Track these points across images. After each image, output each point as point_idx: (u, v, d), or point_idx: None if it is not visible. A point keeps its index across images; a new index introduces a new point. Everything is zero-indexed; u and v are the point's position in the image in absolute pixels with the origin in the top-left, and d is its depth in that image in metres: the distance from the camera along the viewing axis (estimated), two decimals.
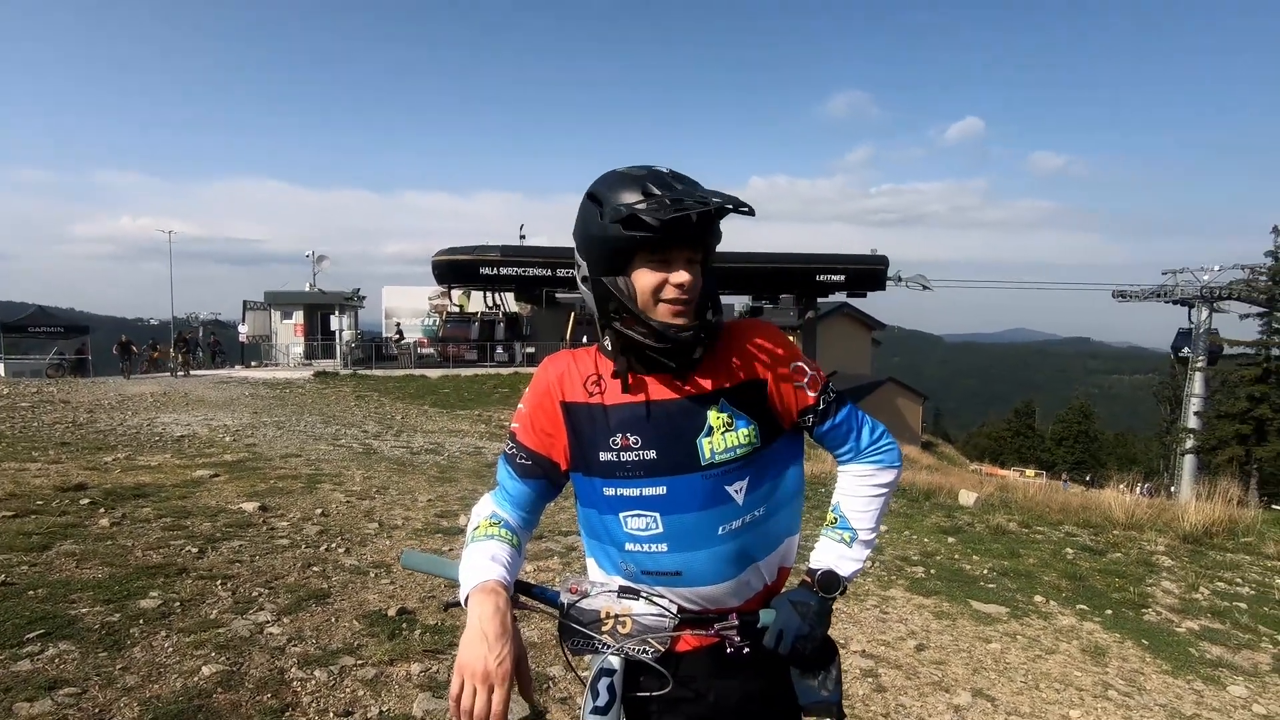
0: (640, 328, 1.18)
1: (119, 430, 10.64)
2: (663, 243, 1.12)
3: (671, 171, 1.17)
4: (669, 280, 1.15)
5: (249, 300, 33.88)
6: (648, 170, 1.17)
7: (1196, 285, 30.97)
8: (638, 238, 1.11)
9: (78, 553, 4.27)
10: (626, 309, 1.18)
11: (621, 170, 1.18)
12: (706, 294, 1.21)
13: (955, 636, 4.25)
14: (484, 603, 1.10)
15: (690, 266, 1.16)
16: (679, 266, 1.15)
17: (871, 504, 1.34)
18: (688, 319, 1.17)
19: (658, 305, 1.17)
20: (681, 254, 1.15)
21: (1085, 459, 53.36)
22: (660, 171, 1.17)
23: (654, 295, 1.16)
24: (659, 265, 1.15)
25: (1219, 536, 6.98)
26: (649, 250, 1.14)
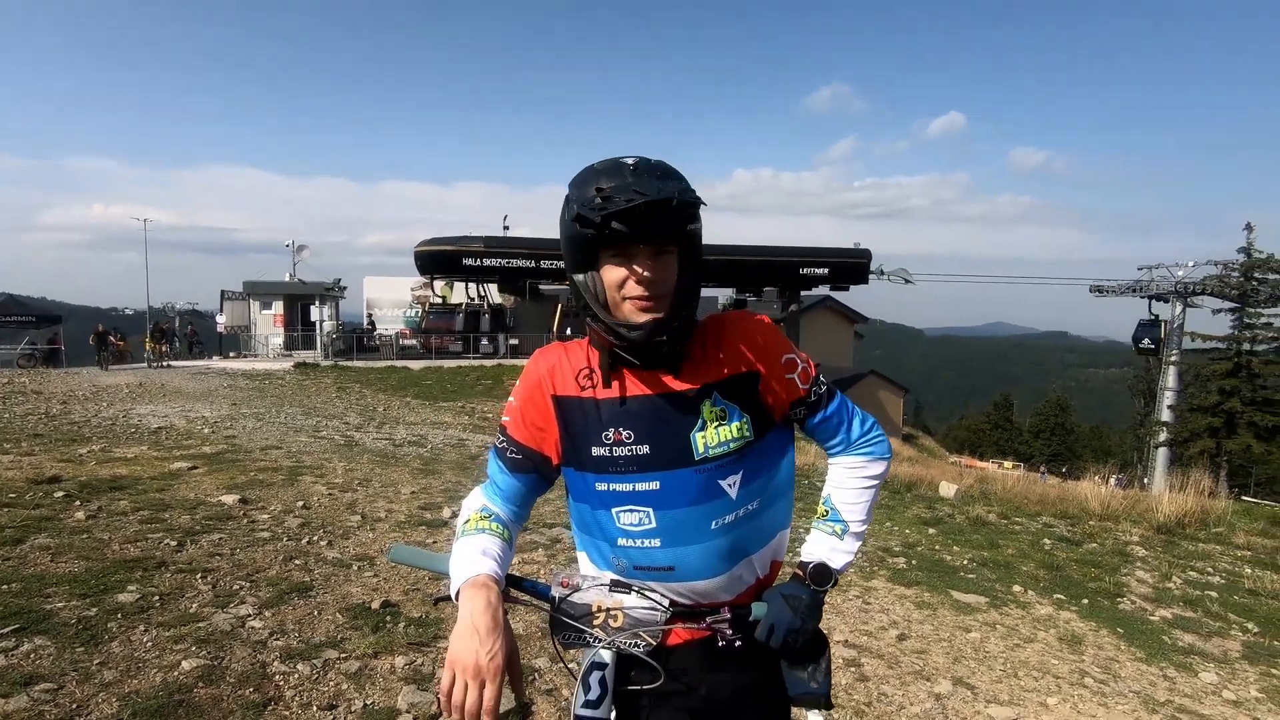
0: (599, 325, 1.18)
1: (94, 422, 10.45)
2: (618, 238, 1.11)
3: (639, 164, 1.13)
4: (630, 275, 1.13)
5: (227, 290, 33.36)
6: (612, 164, 1.14)
7: (1171, 281, 31.50)
8: (590, 235, 1.11)
9: (52, 546, 4.19)
10: (589, 306, 1.18)
11: (594, 165, 1.16)
12: (686, 288, 1.18)
13: (936, 626, 4.31)
14: (475, 597, 1.09)
15: (658, 260, 1.14)
16: (641, 262, 1.13)
17: (862, 496, 1.34)
18: (657, 314, 1.15)
19: (624, 302, 1.15)
20: (645, 249, 1.13)
21: (1062, 451, 54.23)
22: (624, 164, 1.13)
23: (620, 290, 1.15)
24: (622, 261, 1.14)
25: (1191, 527, 7.14)
26: (609, 246, 1.13)
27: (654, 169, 1.13)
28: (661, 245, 1.14)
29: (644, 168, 1.12)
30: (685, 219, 1.13)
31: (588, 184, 1.12)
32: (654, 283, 1.13)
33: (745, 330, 1.28)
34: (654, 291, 1.14)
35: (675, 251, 1.16)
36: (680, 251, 1.16)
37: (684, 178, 1.15)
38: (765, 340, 1.28)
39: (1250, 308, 31.95)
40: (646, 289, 1.13)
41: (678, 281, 1.17)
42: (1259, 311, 31.90)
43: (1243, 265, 31.99)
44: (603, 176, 1.12)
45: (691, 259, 1.19)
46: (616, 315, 1.17)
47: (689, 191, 1.11)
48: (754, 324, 1.30)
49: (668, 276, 1.15)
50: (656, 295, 1.14)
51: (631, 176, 1.10)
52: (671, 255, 1.15)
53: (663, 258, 1.14)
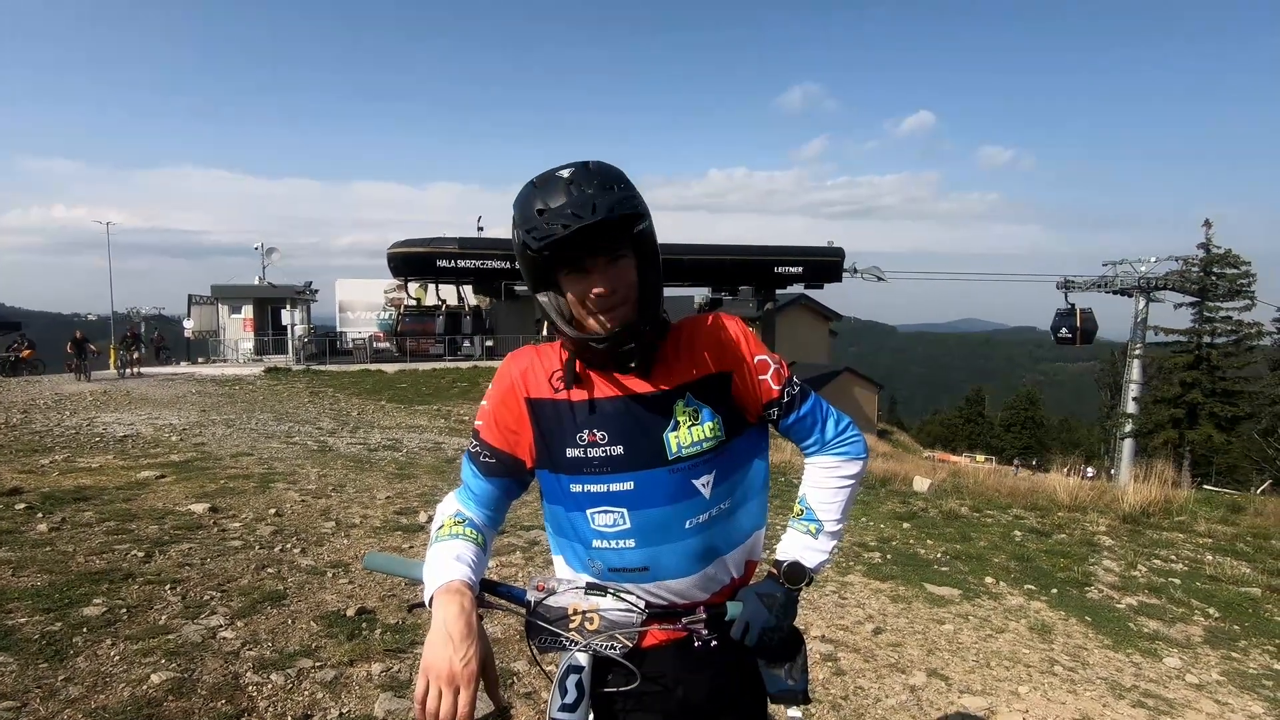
0: (568, 340, 1.20)
1: (56, 431, 10.17)
2: (566, 258, 1.11)
3: (575, 174, 1.10)
4: (588, 288, 1.14)
5: (195, 294, 32.67)
6: (549, 178, 1.12)
7: (1135, 276, 32.27)
8: (540, 259, 1.12)
9: (14, 560, 4.08)
10: (555, 324, 1.19)
11: (531, 181, 1.15)
12: (647, 288, 1.18)
13: (911, 619, 4.38)
14: (449, 604, 1.09)
15: (613, 267, 1.14)
16: (596, 274, 1.13)
17: (838, 495, 1.35)
18: (620, 321, 1.16)
19: (588, 315, 1.16)
20: (597, 260, 1.13)
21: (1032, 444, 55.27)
22: (559, 179, 1.11)
23: (582, 305, 1.16)
24: (578, 275, 1.14)
25: (1155, 516, 7.33)
26: (562, 264, 1.13)
27: (591, 178, 1.10)
28: (614, 252, 1.14)
29: (581, 178, 1.10)
30: (630, 224, 1.13)
31: (528, 204, 1.11)
32: (612, 292, 1.14)
33: (718, 332, 1.29)
34: (615, 299, 1.15)
35: (630, 254, 1.16)
36: (635, 252, 1.17)
37: (625, 180, 1.13)
38: (738, 341, 1.29)
39: (1210, 302, 32.84)
40: (607, 299, 1.14)
41: (638, 283, 1.18)
42: (1218, 305, 32.81)
43: (1202, 260, 32.88)
44: (540, 195, 1.11)
45: (648, 258, 1.19)
46: (584, 326, 1.18)
47: (627, 201, 1.10)
48: (727, 325, 1.31)
49: (626, 280, 1.16)
50: (617, 302, 1.15)
51: (565, 195, 1.08)
52: (627, 258, 1.16)
53: (618, 263, 1.15)
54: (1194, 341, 33.05)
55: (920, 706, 3.26)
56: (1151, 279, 32.12)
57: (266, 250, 33.24)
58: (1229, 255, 32.53)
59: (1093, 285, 33.29)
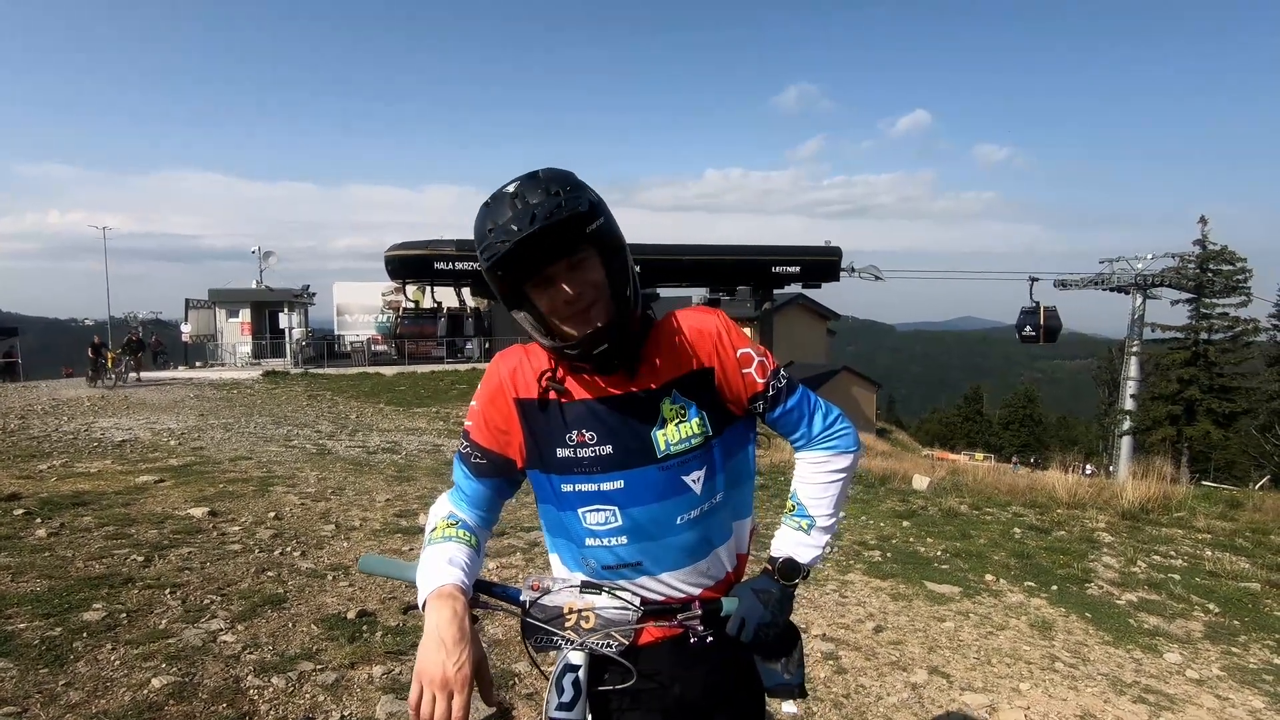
0: (545, 349, 1.21)
1: (54, 436, 10.15)
2: (527, 270, 1.11)
3: (520, 187, 1.09)
4: (556, 297, 1.14)
5: (192, 298, 32.64)
6: (497, 195, 1.11)
7: (1131, 273, 32.32)
8: (500, 275, 1.12)
9: (13, 566, 4.07)
10: (531, 335, 1.20)
11: (486, 200, 1.14)
12: (616, 284, 1.16)
13: (911, 617, 4.38)
14: (441, 609, 1.10)
15: (578, 269, 1.13)
16: (559, 281, 1.12)
17: (828, 490, 1.34)
18: (596, 322, 1.14)
19: (561, 323, 1.16)
20: (558, 266, 1.11)
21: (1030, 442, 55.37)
22: (504, 194, 1.10)
23: (553, 315, 1.16)
24: (543, 285, 1.14)
25: (1154, 512, 7.34)
26: (526, 278, 1.13)
27: (536, 187, 1.09)
28: (575, 255, 1.12)
29: (526, 189, 1.09)
30: (581, 224, 1.10)
31: (482, 225, 1.12)
32: (581, 294, 1.13)
33: (700, 326, 1.28)
34: (584, 302, 1.14)
35: (593, 252, 1.14)
36: (597, 250, 1.14)
37: (570, 182, 1.10)
38: (720, 335, 1.29)
39: (1206, 298, 32.92)
40: (575, 304, 1.14)
41: (607, 281, 1.16)
42: (1214, 302, 32.89)
43: (1198, 257, 32.96)
44: (489, 214, 1.11)
45: (610, 252, 1.16)
46: (562, 334, 1.18)
47: (570, 203, 1.07)
48: (708, 320, 1.30)
49: (593, 280, 1.14)
50: (587, 304, 1.15)
51: (510, 210, 1.08)
52: (589, 258, 1.14)
53: (581, 265, 1.13)
54: (1191, 338, 33.13)
55: (922, 704, 3.26)
56: (1148, 276, 32.17)
57: (264, 254, 33.19)
58: (1225, 252, 32.61)
59: (1089, 283, 33.35)
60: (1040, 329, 32.22)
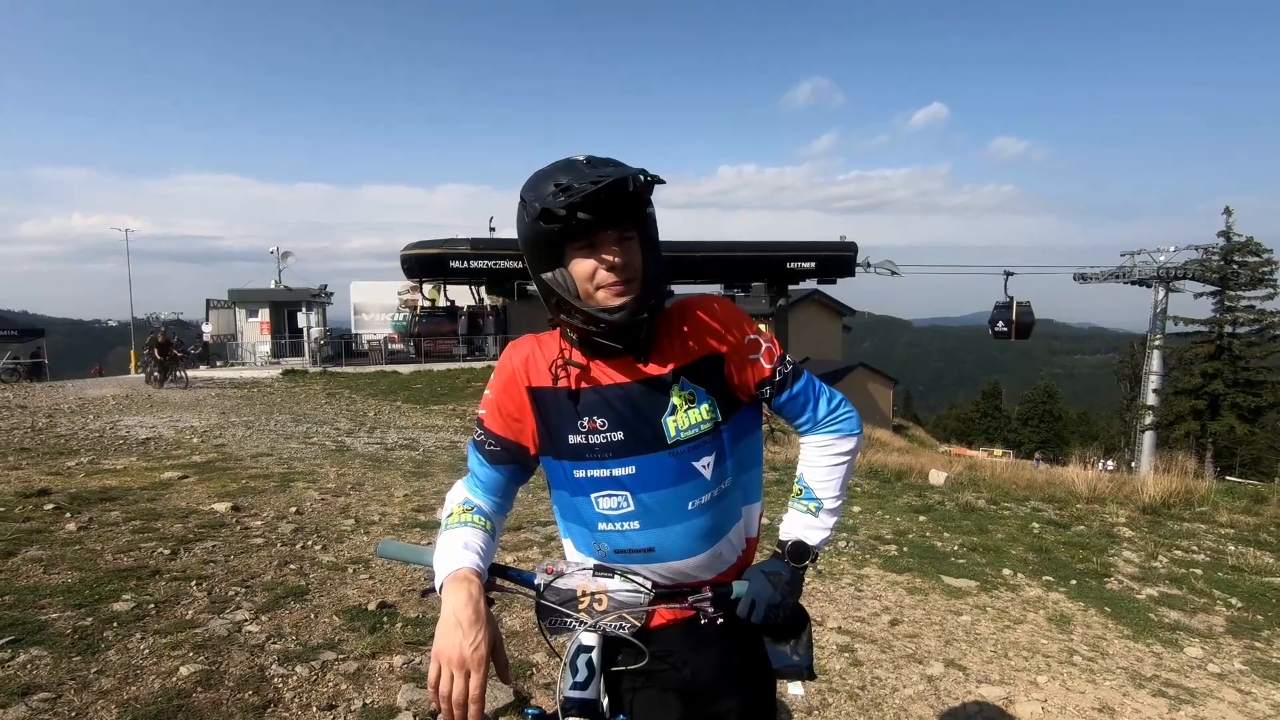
0: (577, 316, 1.20)
1: (80, 434, 10.36)
2: (582, 229, 1.13)
3: (589, 158, 1.17)
4: (599, 264, 1.16)
5: (212, 299, 33.08)
6: (564, 162, 1.17)
7: (1153, 266, 31.80)
8: (556, 230, 1.13)
9: (44, 558, 4.18)
10: (565, 301, 1.20)
11: (543, 168, 1.20)
12: (652, 268, 1.21)
13: (928, 610, 4.37)
14: (457, 591, 1.13)
15: (623, 244, 1.17)
16: (607, 248, 1.16)
17: (833, 473, 1.37)
18: (629, 298, 1.18)
19: (597, 290, 1.18)
20: (609, 235, 1.16)
21: (1050, 438, 54.74)
22: (574, 160, 1.17)
23: (591, 281, 1.18)
24: (588, 251, 1.17)
25: (1176, 507, 7.25)
26: (573, 239, 1.15)
27: (604, 161, 1.17)
28: (624, 230, 1.17)
29: (595, 160, 1.16)
30: (643, 202, 1.17)
31: (544, 183, 1.15)
32: (624, 266, 1.17)
33: (707, 313, 1.31)
34: (625, 275, 1.18)
35: (636, 236, 1.19)
36: (640, 234, 1.20)
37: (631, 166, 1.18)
38: (727, 321, 1.31)
39: (1231, 291, 32.35)
40: (619, 273, 1.17)
41: (644, 263, 1.20)
42: (1239, 294, 32.31)
43: (1223, 249, 32.39)
44: (558, 173, 1.15)
45: (651, 240, 1.22)
46: (592, 304, 1.20)
47: (643, 171, 1.14)
48: (716, 306, 1.33)
49: (634, 260, 1.19)
50: (628, 278, 1.18)
51: (586, 168, 1.14)
52: (634, 240, 1.19)
53: (627, 242, 1.18)
54: (1215, 331, 32.58)
55: (938, 696, 3.27)
56: (1171, 268, 31.63)
57: (282, 254, 33.56)
58: (1251, 243, 32.02)
59: (1110, 276, 32.86)
60: (1012, 324, 31.64)
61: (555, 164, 1.18)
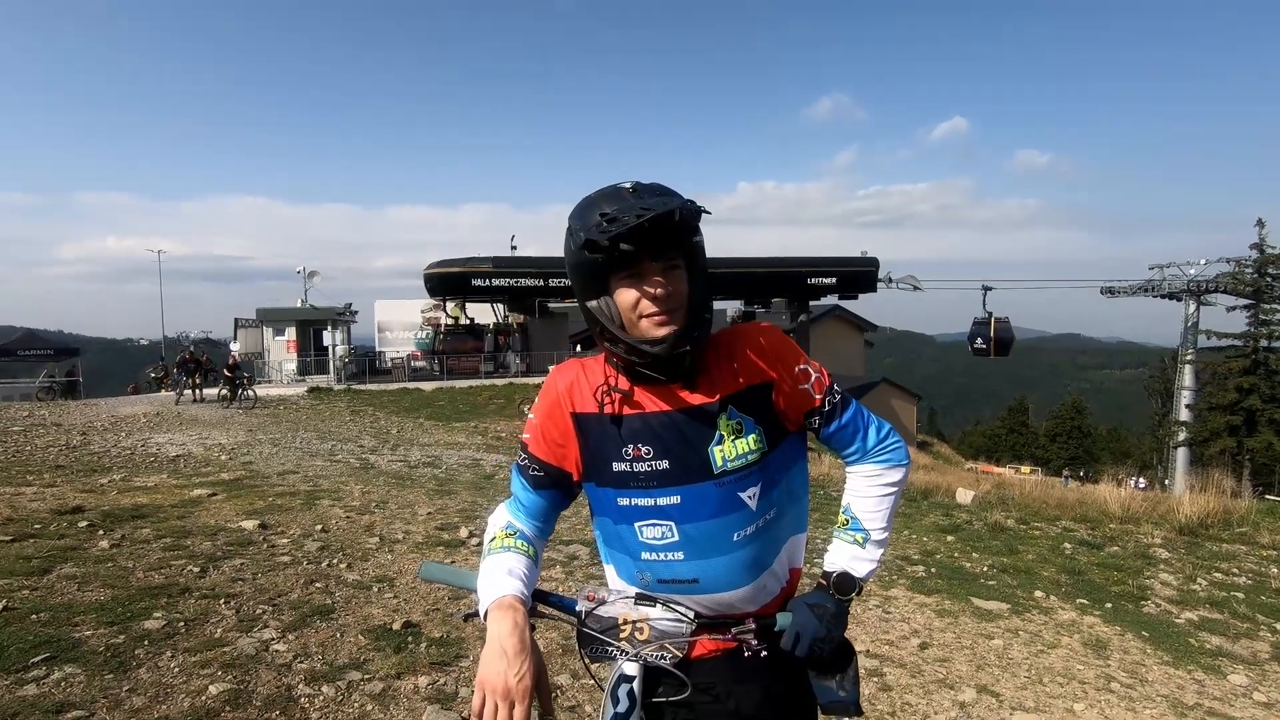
0: (620, 346, 1.20)
1: (113, 452, 10.58)
2: (625, 259, 1.13)
3: (635, 186, 1.16)
4: (643, 294, 1.16)
5: (240, 318, 33.72)
6: (611, 190, 1.17)
7: (1183, 279, 31.18)
8: (600, 260, 1.13)
9: (78, 575, 4.25)
10: (608, 331, 1.20)
11: (590, 195, 1.19)
12: (698, 298, 1.20)
13: (958, 634, 4.28)
14: (502, 619, 1.12)
15: (668, 274, 1.16)
16: (651, 279, 1.15)
17: (882, 504, 1.34)
18: (672, 328, 1.17)
19: (640, 320, 1.17)
20: (653, 265, 1.15)
21: (1080, 455, 53.58)
22: (621, 188, 1.16)
23: (635, 311, 1.17)
24: (632, 281, 1.16)
25: (1214, 528, 7.05)
26: (617, 269, 1.15)
27: (652, 188, 1.16)
28: (669, 260, 1.16)
29: (642, 189, 1.16)
30: (689, 231, 1.16)
31: (590, 211, 1.15)
32: (668, 296, 1.16)
33: (757, 342, 1.30)
34: (669, 305, 1.16)
35: (683, 265, 1.18)
36: (687, 264, 1.19)
37: (680, 194, 1.18)
38: (777, 351, 1.30)
39: (1265, 304, 31.60)
40: (662, 304, 1.16)
41: (689, 293, 1.19)
42: (1274, 308, 31.55)
43: (1256, 262, 31.69)
44: (604, 202, 1.15)
45: (698, 270, 1.21)
46: (635, 334, 1.19)
47: (691, 203, 1.14)
48: (766, 335, 1.31)
49: (680, 289, 1.18)
50: (672, 309, 1.17)
51: (632, 197, 1.14)
52: (680, 269, 1.18)
53: (672, 272, 1.17)
54: (1250, 345, 31.81)
55: None
56: (1202, 282, 30.97)
57: (308, 274, 34.16)
58: None
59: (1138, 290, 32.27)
60: (991, 341, 31.08)
61: (602, 191, 1.18)
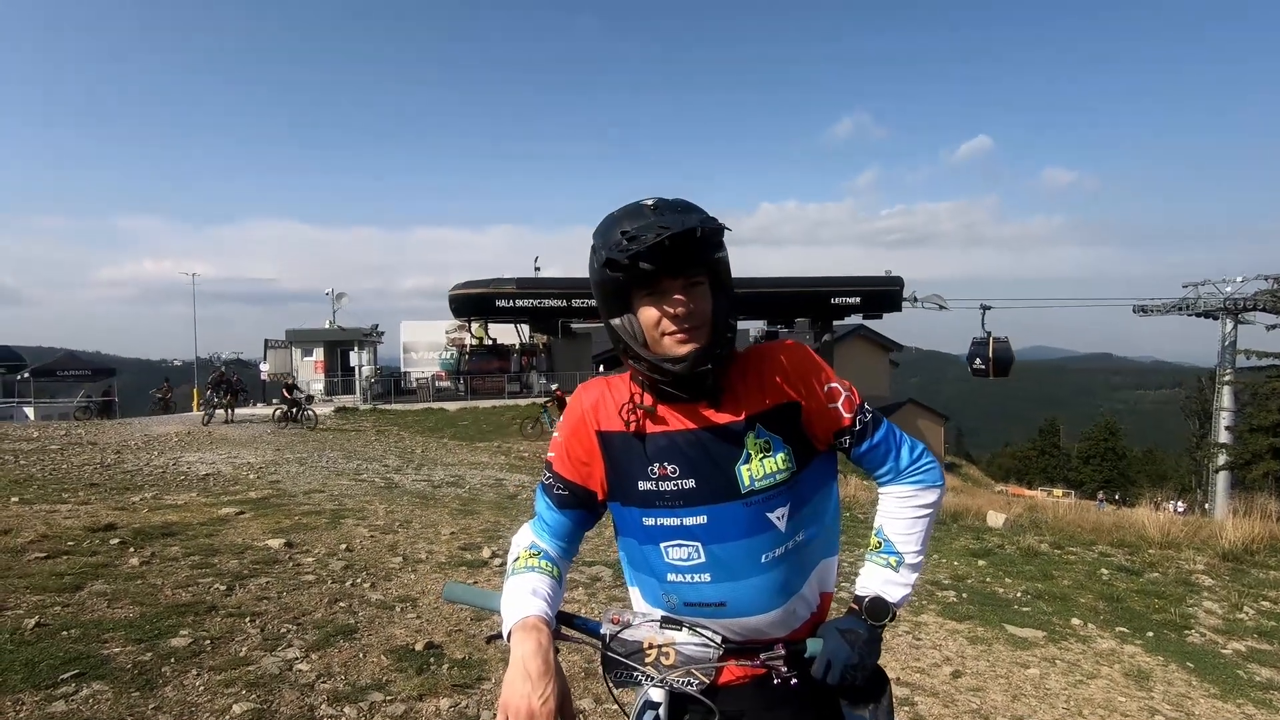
0: (643, 363, 1.19)
1: (145, 470, 10.77)
2: (647, 277, 1.12)
3: (657, 203, 1.16)
4: (664, 312, 1.15)
5: (270, 339, 34.38)
6: (633, 207, 1.17)
7: (1220, 297, 30.40)
8: (621, 279, 1.13)
9: (109, 592, 4.30)
10: (630, 348, 1.19)
11: (613, 212, 1.19)
12: (722, 315, 1.19)
13: (992, 662, 4.15)
14: (526, 640, 1.10)
15: (690, 291, 1.15)
16: (673, 296, 1.14)
17: (916, 525, 1.31)
18: (695, 345, 1.15)
19: (663, 338, 1.16)
20: (675, 283, 1.14)
21: (1114, 477, 52.16)
22: (643, 205, 1.16)
23: (657, 328, 1.16)
24: (655, 299, 1.15)
25: (1260, 554, 6.78)
26: (639, 286, 1.14)
27: (674, 205, 1.16)
28: (691, 277, 1.15)
29: (664, 205, 1.15)
30: (711, 248, 1.15)
31: (612, 229, 1.15)
32: (690, 314, 1.15)
33: (785, 360, 1.28)
34: (691, 323, 1.16)
35: (706, 281, 1.17)
36: (710, 280, 1.18)
37: (703, 209, 1.17)
38: (805, 369, 1.28)
39: None
40: (684, 321, 1.15)
41: (713, 310, 1.18)
42: None
43: None
44: (626, 220, 1.14)
45: (722, 287, 1.20)
46: (658, 351, 1.18)
47: (711, 220, 1.13)
48: (794, 353, 1.29)
49: (702, 307, 1.17)
50: (694, 326, 1.16)
51: (653, 215, 1.13)
52: (703, 285, 1.17)
53: (694, 289, 1.16)
54: None
55: None
56: (1240, 299, 30.18)
57: (336, 295, 34.79)
58: None
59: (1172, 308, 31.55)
60: (990, 361, 30.36)
61: (625, 209, 1.18)
